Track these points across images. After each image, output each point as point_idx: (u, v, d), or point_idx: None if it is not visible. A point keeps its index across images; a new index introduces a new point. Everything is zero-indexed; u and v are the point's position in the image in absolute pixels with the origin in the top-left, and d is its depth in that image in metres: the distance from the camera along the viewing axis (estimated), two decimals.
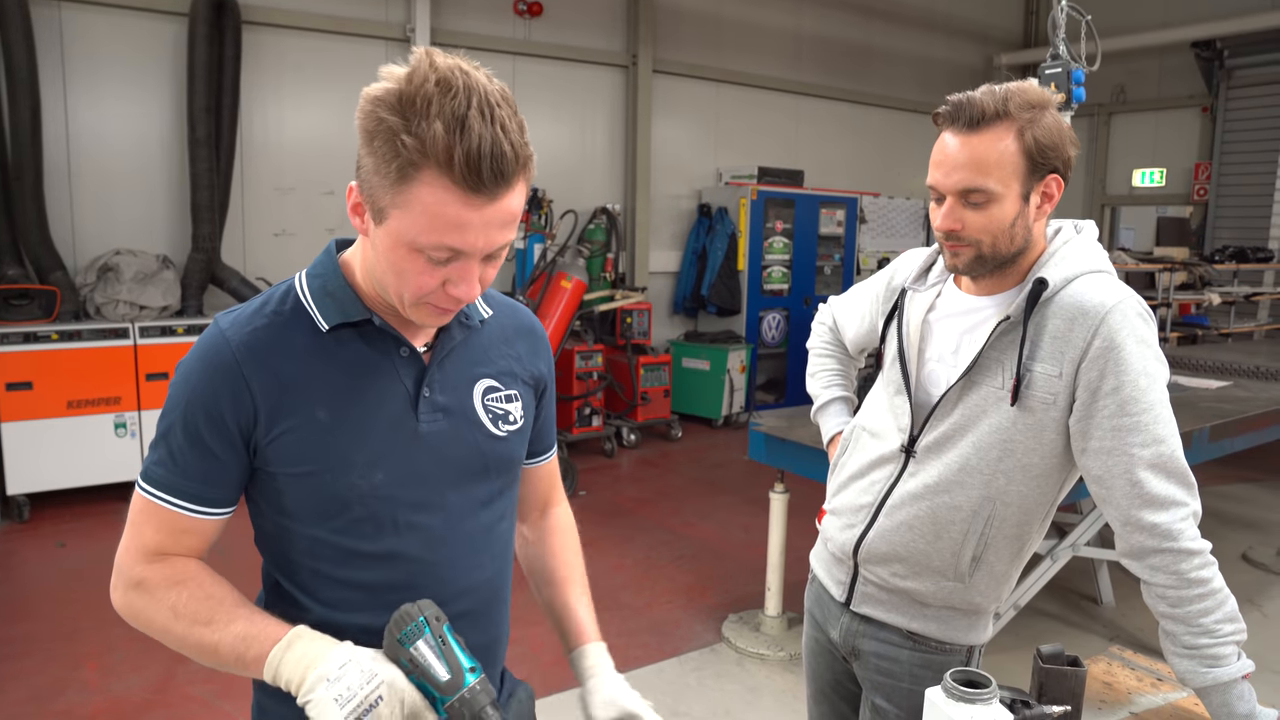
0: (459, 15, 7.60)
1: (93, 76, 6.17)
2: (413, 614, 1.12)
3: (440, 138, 1.00)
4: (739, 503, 6.22)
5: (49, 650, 3.89)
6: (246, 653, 1.13)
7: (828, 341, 2.14)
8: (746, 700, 3.64)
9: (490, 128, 1.01)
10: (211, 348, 1.18)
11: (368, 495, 1.20)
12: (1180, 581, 1.45)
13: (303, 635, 1.14)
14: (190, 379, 1.17)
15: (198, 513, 1.19)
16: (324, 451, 1.18)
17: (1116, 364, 1.48)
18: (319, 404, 1.18)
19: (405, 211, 1.05)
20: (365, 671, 1.09)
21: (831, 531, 1.82)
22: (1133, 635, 4.25)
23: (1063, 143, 1.53)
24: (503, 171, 1.03)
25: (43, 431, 5.48)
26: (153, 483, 1.18)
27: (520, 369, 1.38)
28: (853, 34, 10.38)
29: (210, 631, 1.14)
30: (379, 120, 1.03)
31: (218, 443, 1.17)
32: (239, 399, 1.16)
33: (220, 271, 6.37)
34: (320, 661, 1.10)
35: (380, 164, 1.04)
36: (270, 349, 1.18)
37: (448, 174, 1.02)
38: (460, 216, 1.05)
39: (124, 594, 1.21)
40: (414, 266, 1.10)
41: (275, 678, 1.11)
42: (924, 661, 1.70)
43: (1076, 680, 1.43)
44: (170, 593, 1.17)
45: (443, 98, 1.00)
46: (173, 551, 1.21)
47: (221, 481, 1.19)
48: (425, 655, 1.11)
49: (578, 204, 7.92)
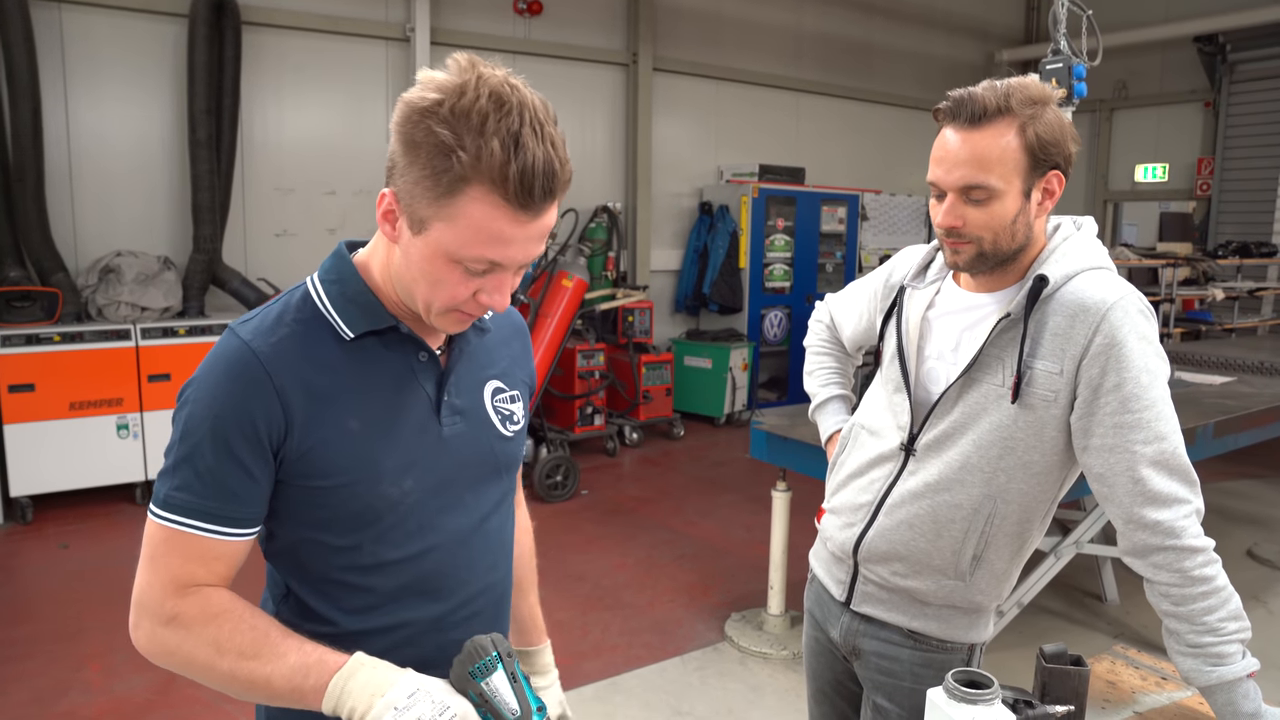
0: (458, 14, 7.59)
1: (93, 78, 6.17)
2: (487, 648, 1.10)
3: (497, 155, 1.00)
4: (741, 501, 6.21)
5: (52, 651, 3.89)
6: (304, 683, 1.08)
7: (825, 339, 2.13)
8: (749, 699, 3.63)
9: (543, 145, 1.03)
10: (238, 360, 1.14)
11: (398, 503, 1.20)
12: (1184, 579, 1.44)
13: (364, 664, 1.09)
14: (216, 394, 1.13)
15: (228, 535, 1.14)
16: (357, 461, 1.17)
17: (1118, 361, 1.47)
18: (349, 413, 1.17)
19: (450, 225, 1.05)
20: (438, 703, 1.06)
21: (831, 530, 1.81)
22: (1137, 632, 4.24)
23: (1064, 138, 1.52)
24: (551, 190, 1.05)
25: (45, 433, 5.48)
26: (177, 510, 1.12)
27: (518, 369, 1.40)
28: (853, 31, 10.36)
29: (260, 665, 1.09)
30: (429, 132, 1.02)
31: (251, 457, 1.13)
32: (271, 411, 1.13)
33: (221, 272, 6.36)
34: (388, 688, 1.06)
35: (426, 176, 1.04)
36: (298, 358, 1.16)
37: (500, 191, 1.02)
38: (505, 231, 1.05)
39: (153, 631, 1.13)
40: (451, 277, 1.10)
41: (337, 707, 1.07)
42: (925, 660, 1.70)
43: (1080, 680, 1.42)
44: (210, 627, 1.11)
45: (497, 113, 1.01)
46: (203, 580, 1.14)
47: (253, 499, 1.15)
48: (498, 692, 1.08)
49: (578, 203, 7.91)
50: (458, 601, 1.25)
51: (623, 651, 3.99)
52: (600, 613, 4.37)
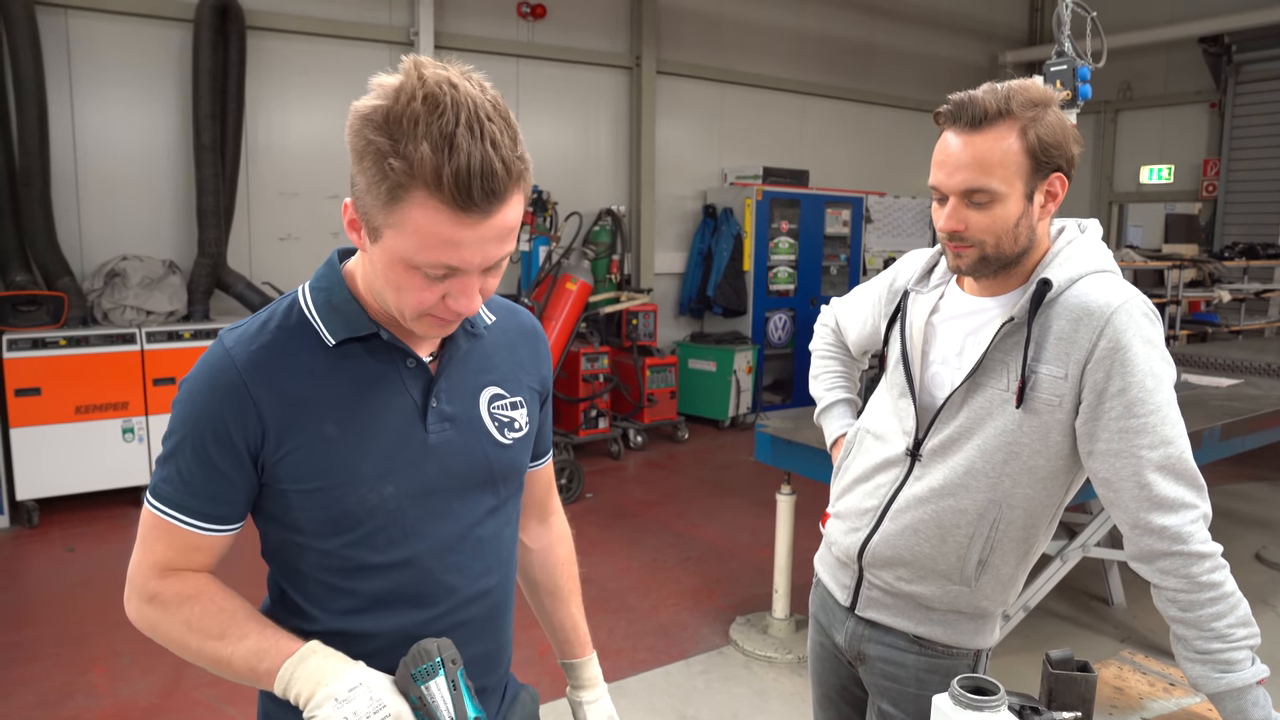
0: (462, 18, 7.60)
1: (99, 83, 6.18)
2: (431, 652, 1.12)
3: (428, 159, 0.98)
4: (746, 504, 6.20)
5: (56, 655, 3.90)
6: (259, 665, 1.13)
7: (830, 343, 2.13)
8: (754, 704, 3.62)
9: (480, 145, 0.99)
10: (217, 367, 1.16)
11: (378, 508, 1.20)
12: (1191, 585, 1.43)
13: (316, 651, 1.14)
14: (196, 399, 1.16)
15: (206, 530, 1.19)
16: (333, 467, 1.18)
17: (1123, 365, 1.46)
18: (327, 420, 1.18)
19: (398, 231, 1.04)
20: (375, 700, 1.09)
21: (836, 535, 1.81)
22: (1144, 636, 4.22)
23: (1066, 140, 1.52)
24: (494, 189, 1.01)
25: (51, 437, 5.49)
26: (162, 500, 1.18)
27: (524, 374, 1.38)
28: (856, 33, 10.35)
29: (223, 645, 1.15)
30: (367, 140, 1.01)
31: (226, 461, 1.16)
32: (246, 418, 1.15)
33: (226, 276, 6.38)
34: (332, 679, 1.10)
35: (371, 184, 1.03)
36: (276, 366, 1.17)
37: (437, 194, 1.00)
38: (453, 235, 1.03)
39: (138, 606, 1.22)
40: (412, 283, 1.09)
41: (285, 691, 1.11)
42: (930, 666, 1.69)
43: (1086, 685, 1.41)
44: (183, 608, 1.18)
45: (429, 116, 0.98)
46: (183, 567, 1.21)
47: (230, 499, 1.19)
48: (435, 697, 1.10)
49: (582, 206, 7.91)
50: (444, 609, 1.25)
51: (627, 655, 3.98)
52: (605, 616, 4.37)
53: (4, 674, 3.73)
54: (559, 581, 1.56)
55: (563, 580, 1.58)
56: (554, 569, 1.56)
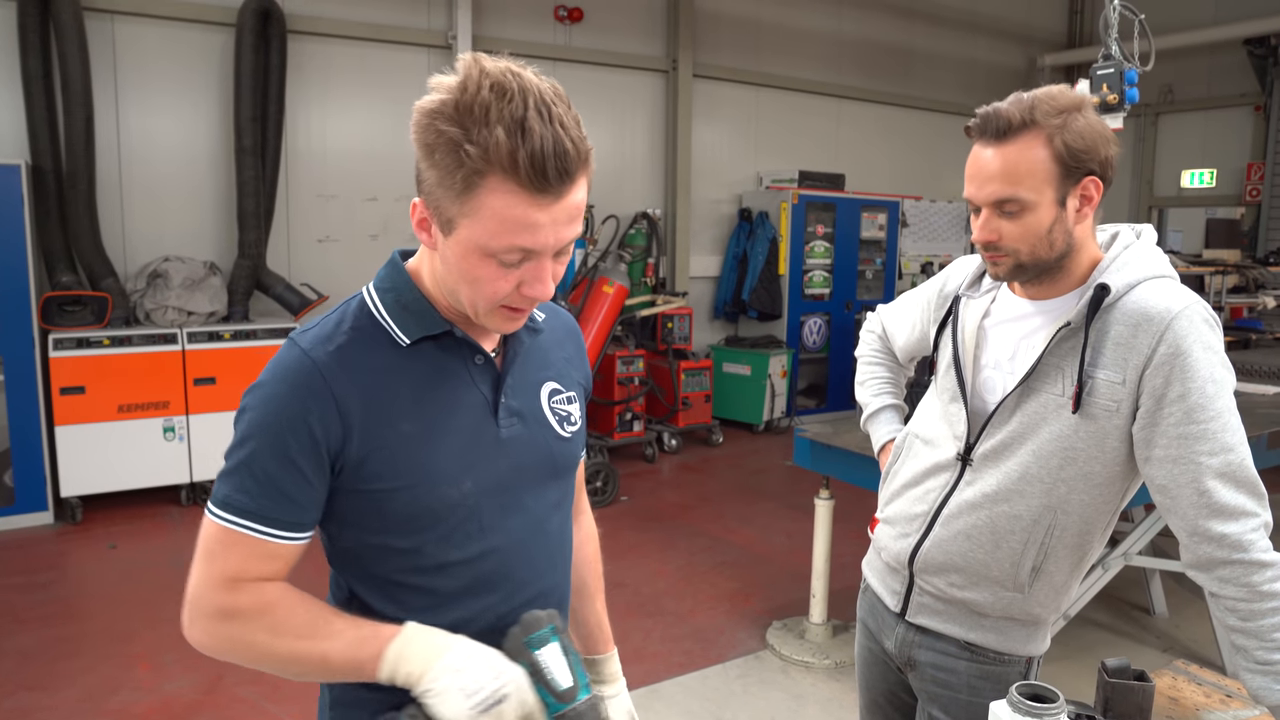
0: (500, 22, 7.64)
1: (143, 87, 6.29)
2: (542, 620, 1.15)
3: (503, 143, 1.01)
4: (780, 508, 6.17)
5: (102, 650, 3.96)
6: (360, 654, 1.13)
7: (877, 350, 2.12)
8: (792, 708, 3.61)
9: (550, 127, 1.02)
10: (296, 368, 1.16)
11: (458, 505, 1.21)
12: (1252, 594, 1.40)
13: (421, 630, 1.15)
14: (274, 401, 1.15)
15: (284, 538, 1.16)
16: (415, 466, 1.18)
17: (1183, 370, 1.45)
18: (406, 419, 1.19)
19: (474, 219, 1.06)
20: (493, 668, 1.11)
21: (885, 540, 1.80)
22: (1186, 647, 4.16)
23: (1097, 144, 1.50)
24: (567, 169, 1.04)
25: (95, 435, 5.57)
26: (235, 511, 1.14)
27: (573, 370, 1.41)
28: (894, 36, 10.29)
29: (316, 643, 1.14)
30: (438, 133, 1.03)
31: (309, 464, 1.14)
32: (329, 418, 1.14)
33: (265, 278, 6.45)
34: (445, 652, 1.12)
35: (444, 176, 1.05)
36: (355, 366, 1.17)
37: (513, 177, 1.03)
38: (529, 217, 1.06)
39: (207, 624, 1.16)
40: (488, 273, 1.10)
41: (395, 671, 1.11)
42: (982, 673, 1.67)
43: (1144, 695, 1.39)
44: (265, 615, 1.15)
45: (500, 102, 1.01)
46: (256, 577, 1.17)
47: (308, 504, 1.17)
48: (550, 662, 1.12)
49: (618, 209, 7.93)
50: (518, 602, 1.26)
51: (663, 659, 3.98)
52: (640, 619, 4.36)
53: (51, 668, 3.80)
54: (586, 578, 1.58)
55: (590, 578, 1.59)
56: (582, 566, 1.57)
